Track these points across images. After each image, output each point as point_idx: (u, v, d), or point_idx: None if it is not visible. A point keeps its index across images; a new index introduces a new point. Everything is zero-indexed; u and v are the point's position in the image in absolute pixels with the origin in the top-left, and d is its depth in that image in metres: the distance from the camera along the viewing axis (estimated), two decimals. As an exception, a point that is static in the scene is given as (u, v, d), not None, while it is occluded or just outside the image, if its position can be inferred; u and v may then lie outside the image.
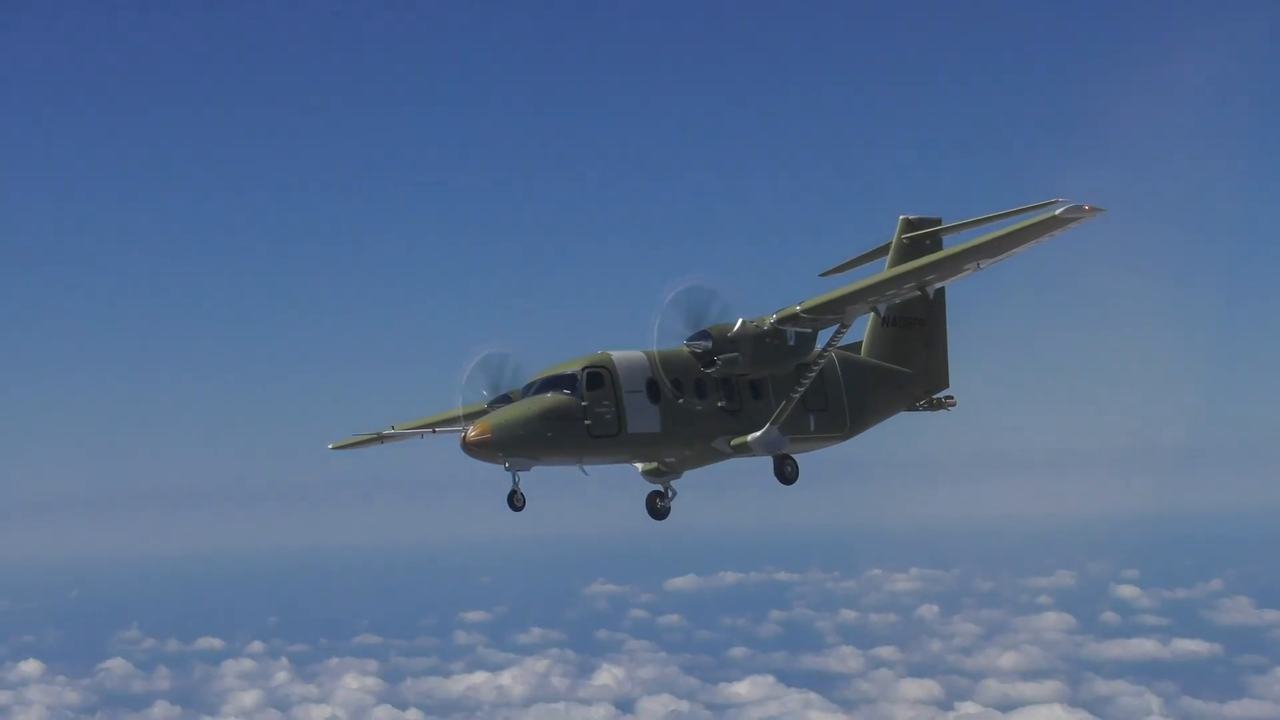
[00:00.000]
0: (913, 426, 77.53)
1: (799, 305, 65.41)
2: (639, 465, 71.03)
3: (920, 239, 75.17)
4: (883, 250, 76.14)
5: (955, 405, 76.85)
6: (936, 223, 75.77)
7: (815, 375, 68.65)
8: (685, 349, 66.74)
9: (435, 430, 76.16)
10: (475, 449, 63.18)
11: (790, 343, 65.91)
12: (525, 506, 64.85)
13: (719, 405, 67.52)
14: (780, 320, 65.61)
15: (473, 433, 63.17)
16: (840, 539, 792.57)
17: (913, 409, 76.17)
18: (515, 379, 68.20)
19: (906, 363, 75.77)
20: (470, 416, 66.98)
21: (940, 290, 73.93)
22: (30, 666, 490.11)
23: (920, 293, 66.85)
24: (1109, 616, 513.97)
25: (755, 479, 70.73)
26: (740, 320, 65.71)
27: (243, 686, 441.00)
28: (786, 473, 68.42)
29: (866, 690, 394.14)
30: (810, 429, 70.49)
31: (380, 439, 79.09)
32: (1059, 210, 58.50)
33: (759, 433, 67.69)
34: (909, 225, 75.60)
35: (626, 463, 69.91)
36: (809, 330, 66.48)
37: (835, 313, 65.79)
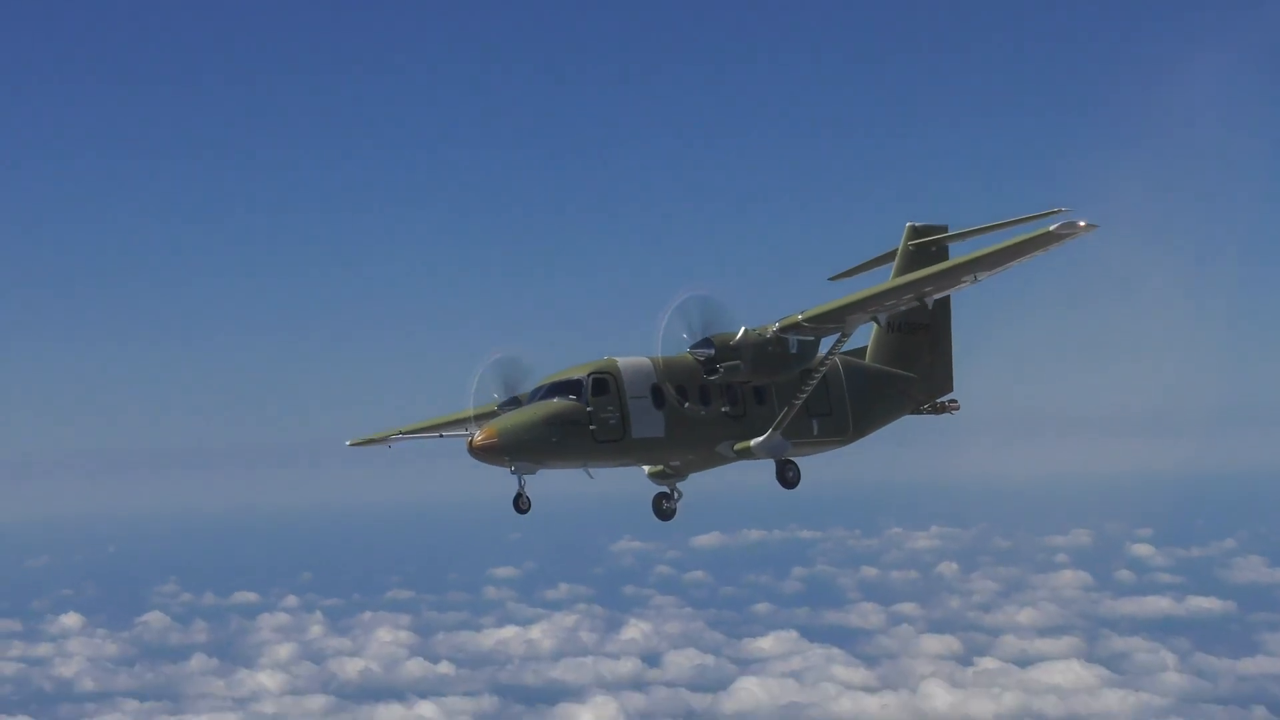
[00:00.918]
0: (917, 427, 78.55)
1: (800, 314, 66.28)
2: (645, 468, 71.64)
3: (926, 246, 76.37)
4: (890, 256, 77.16)
5: (958, 409, 77.83)
6: (942, 230, 77.02)
7: (818, 381, 69.73)
8: (690, 355, 67.53)
9: (442, 435, 77.84)
10: (481, 453, 63.91)
11: (792, 351, 66.66)
12: (530, 509, 65.54)
13: (723, 411, 68.31)
14: (782, 329, 66.34)
15: (479, 437, 63.92)
16: (861, 498, 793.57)
17: (916, 412, 77.05)
18: (525, 382, 68.62)
19: (911, 367, 76.56)
20: (481, 417, 68.93)
21: (945, 296, 74.38)
22: (71, 619, 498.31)
23: (919, 303, 67.90)
24: (1124, 574, 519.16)
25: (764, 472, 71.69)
26: (743, 329, 66.58)
27: (278, 639, 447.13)
28: (788, 477, 69.41)
29: (887, 645, 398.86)
30: (813, 433, 71.33)
31: (387, 441, 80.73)
32: (1053, 226, 59.84)
33: (761, 438, 68.63)
34: (915, 232, 76.82)
35: (632, 467, 70.40)
36: (811, 338, 67.29)
37: (836, 322, 66.79)
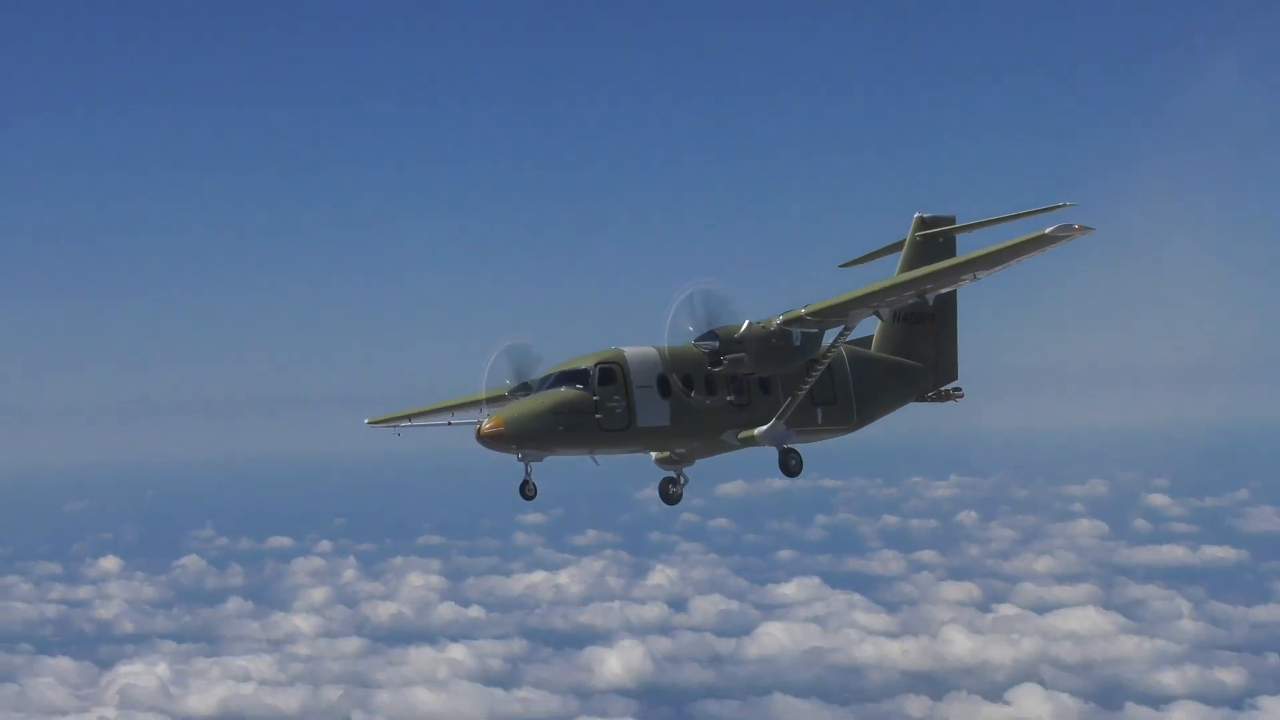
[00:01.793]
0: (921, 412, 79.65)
1: (804, 308, 67.08)
2: (652, 453, 72.61)
3: (933, 237, 77.24)
4: (899, 245, 78.11)
5: (962, 396, 78.23)
6: (950, 221, 77.91)
7: (822, 371, 70.41)
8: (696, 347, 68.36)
9: (451, 422, 78.92)
10: (490, 441, 64.57)
11: (795, 343, 67.42)
12: (537, 495, 66.65)
13: (728, 400, 69.21)
14: (786, 322, 67.06)
15: (487, 425, 64.51)
16: (882, 446, 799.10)
17: (921, 400, 77.78)
18: (535, 369, 69.59)
19: (916, 356, 77.07)
20: (493, 400, 70.30)
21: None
22: (109, 563, 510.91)
23: (921, 299, 68.81)
24: (1140, 524, 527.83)
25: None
26: (747, 322, 67.19)
27: (312, 584, 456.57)
28: (790, 465, 70.23)
29: (908, 592, 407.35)
30: (818, 421, 72.27)
31: (396, 428, 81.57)
32: (1049, 229, 60.61)
33: (765, 427, 69.57)
34: (923, 224, 77.57)
35: (638, 453, 71.29)
36: (814, 330, 68.05)
37: (839, 316, 67.59)
